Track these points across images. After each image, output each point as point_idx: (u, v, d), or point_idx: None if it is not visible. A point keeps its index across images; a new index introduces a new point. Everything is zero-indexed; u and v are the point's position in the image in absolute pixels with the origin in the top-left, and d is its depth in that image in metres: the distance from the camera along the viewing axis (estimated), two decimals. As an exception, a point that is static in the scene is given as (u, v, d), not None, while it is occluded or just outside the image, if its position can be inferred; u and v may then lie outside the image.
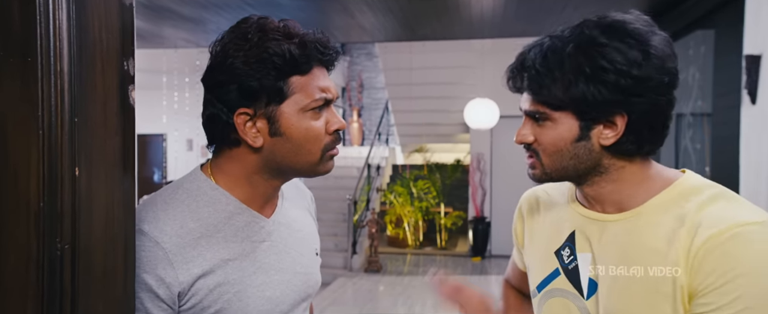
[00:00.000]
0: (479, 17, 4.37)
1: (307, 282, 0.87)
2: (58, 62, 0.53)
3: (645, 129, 0.73)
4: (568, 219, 0.83)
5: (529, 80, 0.74)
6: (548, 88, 0.72)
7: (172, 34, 5.05)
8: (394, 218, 7.77)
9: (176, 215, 0.75)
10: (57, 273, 0.53)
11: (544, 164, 0.77)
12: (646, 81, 0.70)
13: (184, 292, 0.73)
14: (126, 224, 0.62)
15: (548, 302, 0.83)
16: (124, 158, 0.61)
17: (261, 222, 0.82)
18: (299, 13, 4.33)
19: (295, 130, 0.76)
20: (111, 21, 0.59)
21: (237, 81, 0.74)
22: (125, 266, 0.62)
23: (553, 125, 0.75)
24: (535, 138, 0.76)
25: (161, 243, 0.72)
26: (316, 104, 0.76)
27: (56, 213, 0.52)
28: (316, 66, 0.77)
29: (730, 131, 2.94)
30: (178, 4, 4.02)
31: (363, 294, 5.35)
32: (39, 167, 0.52)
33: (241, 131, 0.75)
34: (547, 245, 0.85)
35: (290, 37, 0.75)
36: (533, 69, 0.73)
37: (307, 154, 0.78)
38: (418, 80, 8.26)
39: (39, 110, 0.52)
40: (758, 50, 2.62)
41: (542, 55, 0.73)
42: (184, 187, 0.80)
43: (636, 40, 0.70)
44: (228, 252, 0.77)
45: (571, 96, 0.71)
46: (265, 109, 0.75)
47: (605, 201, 0.79)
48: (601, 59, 0.69)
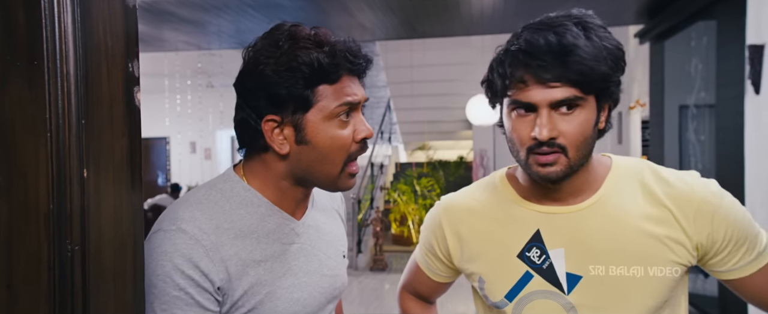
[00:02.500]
0: (479, 14, 4.36)
1: (334, 284, 0.88)
2: (64, 65, 0.53)
3: (610, 114, 0.81)
4: (525, 220, 0.82)
5: (577, 64, 0.72)
6: (593, 69, 0.73)
7: (172, 37, 5.06)
8: (399, 217, 7.78)
9: (212, 216, 0.76)
10: (68, 275, 0.53)
11: (571, 158, 0.75)
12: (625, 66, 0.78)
13: (222, 289, 0.74)
14: (135, 225, 0.62)
15: (527, 307, 0.82)
16: (131, 160, 0.62)
17: (291, 224, 0.83)
18: (300, 13, 4.33)
19: (321, 138, 0.76)
20: (115, 23, 0.59)
21: (265, 88, 0.74)
22: (135, 266, 0.62)
23: (581, 111, 0.75)
24: (560, 132, 0.75)
25: (201, 241, 0.73)
26: (341, 109, 0.76)
27: (65, 215, 0.53)
28: (345, 74, 0.77)
29: (734, 121, 2.92)
30: (178, 6, 4.03)
31: (369, 292, 5.36)
32: (48, 169, 0.52)
33: (268, 137, 0.76)
34: (504, 250, 0.83)
35: (320, 45, 0.75)
36: (577, 54, 0.72)
37: (330, 164, 0.77)
38: (419, 77, 8.26)
39: (46, 112, 0.52)
40: (761, 40, 2.61)
41: (583, 39, 0.73)
42: (218, 187, 0.81)
43: (608, 32, 0.78)
44: (260, 254, 0.78)
45: (608, 77, 0.75)
46: (292, 117, 0.75)
47: (572, 192, 0.81)
48: (609, 44, 0.75)
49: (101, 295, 0.57)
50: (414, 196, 7.72)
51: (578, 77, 0.72)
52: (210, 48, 5.64)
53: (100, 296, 0.57)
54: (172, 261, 0.71)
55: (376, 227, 6.32)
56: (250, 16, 4.21)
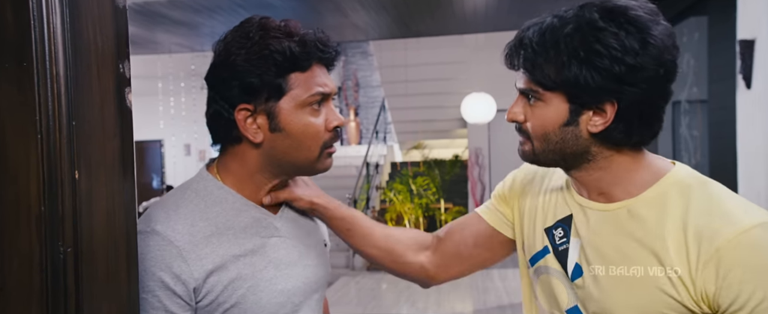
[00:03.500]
0: (472, 12, 4.37)
1: (318, 273, 0.89)
2: (54, 66, 0.53)
3: (635, 119, 0.71)
4: (565, 202, 0.83)
5: (524, 58, 0.73)
6: (542, 67, 0.71)
7: (165, 39, 5.05)
8: (395, 216, 7.78)
9: (187, 215, 0.77)
10: (60, 277, 0.53)
11: (534, 146, 0.77)
12: (641, 71, 0.68)
13: (199, 288, 0.75)
14: (127, 226, 0.62)
15: (541, 278, 0.84)
16: (124, 161, 0.61)
17: (269, 218, 0.84)
18: (292, 14, 4.33)
19: (294, 125, 0.77)
20: (105, 24, 0.59)
21: (238, 78, 0.76)
22: (128, 268, 0.62)
23: (544, 106, 0.74)
24: (526, 118, 0.76)
25: (174, 241, 0.74)
26: (313, 99, 0.78)
27: (57, 217, 0.52)
28: (315, 63, 0.79)
29: (727, 116, 2.95)
30: (170, 8, 4.02)
31: (366, 292, 5.36)
32: (38, 171, 0.52)
33: (241, 126, 0.77)
34: (538, 221, 0.85)
35: (291, 35, 0.77)
36: (530, 47, 0.72)
37: (306, 150, 0.79)
38: (414, 76, 8.27)
39: (36, 114, 0.52)
40: (751, 35, 2.63)
41: (540, 33, 0.72)
42: (192, 188, 0.82)
43: (636, 28, 0.69)
44: (238, 249, 0.79)
45: (564, 78, 0.70)
46: (266, 105, 0.77)
47: (592, 188, 0.78)
48: (596, 43, 0.68)
49: (95, 297, 0.57)
50: (410, 195, 7.73)
51: (529, 72, 0.73)
52: (203, 50, 5.63)
53: (93, 298, 0.56)
54: (142, 263, 0.72)
55: (372, 227, 6.32)
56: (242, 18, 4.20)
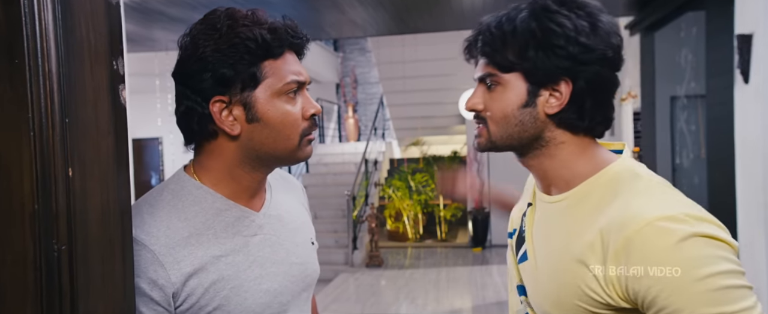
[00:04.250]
0: (470, 8, 4.36)
1: (305, 272, 0.87)
2: (46, 63, 0.52)
3: (588, 101, 0.75)
4: (530, 193, 0.90)
5: (483, 43, 0.78)
6: (500, 50, 0.76)
7: (162, 37, 5.03)
8: (394, 212, 7.79)
9: (162, 217, 0.75)
10: (55, 275, 0.52)
11: (491, 132, 0.79)
12: (592, 51, 0.73)
13: (178, 292, 0.73)
14: (123, 223, 0.61)
15: (508, 253, 0.94)
16: (118, 158, 0.61)
17: (251, 216, 0.81)
18: (290, 11, 4.31)
19: (271, 114, 0.76)
20: (98, 21, 0.59)
21: (210, 69, 0.73)
22: (124, 265, 0.62)
23: (503, 90, 0.77)
24: (485, 106, 0.79)
25: (149, 246, 0.72)
26: (288, 87, 0.77)
27: (51, 214, 0.52)
28: (287, 51, 0.78)
29: (725, 111, 2.94)
30: (167, 5, 4.00)
31: (365, 289, 5.37)
32: (32, 168, 0.51)
33: (217, 119, 0.75)
34: (519, 207, 0.95)
35: (260, 23, 0.75)
36: (488, 32, 0.77)
37: (285, 139, 0.77)
38: (412, 73, 8.26)
39: (29, 111, 0.51)
40: (749, 29, 2.63)
41: (497, 20, 0.77)
42: (169, 188, 0.79)
43: (585, 12, 0.75)
44: (219, 249, 0.77)
45: (522, 57, 0.74)
46: (241, 95, 0.74)
47: (543, 180, 0.82)
48: (551, 23, 0.73)
49: (90, 296, 0.56)
50: (408, 192, 7.73)
51: (490, 57, 0.77)
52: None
53: (88, 296, 0.56)
54: None
55: (371, 224, 6.33)
56: (240, 14, 4.18)
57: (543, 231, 0.82)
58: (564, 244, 0.75)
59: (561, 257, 0.75)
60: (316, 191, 7.54)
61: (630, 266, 0.65)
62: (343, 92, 10.77)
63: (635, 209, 0.67)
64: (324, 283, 5.49)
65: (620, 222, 0.67)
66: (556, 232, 0.78)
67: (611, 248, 0.67)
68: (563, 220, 0.77)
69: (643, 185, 0.72)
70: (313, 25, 4.90)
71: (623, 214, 0.68)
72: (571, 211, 0.76)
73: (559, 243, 0.76)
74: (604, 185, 0.75)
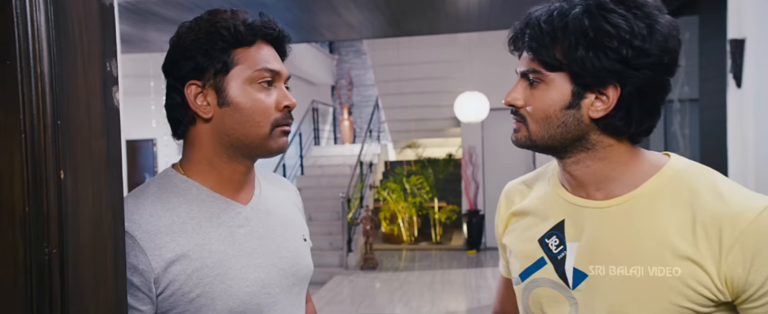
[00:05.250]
0: (465, 11, 4.37)
1: (296, 265, 0.87)
2: (38, 65, 0.52)
3: (636, 107, 0.71)
4: (555, 207, 0.81)
5: (530, 37, 0.73)
6: (548, 47, 0.71)
7: (157, 38, 5.01)
8: (389, 215, 7.78)
9: (146, 206, 0.77)
10: (46, 278, 0.52)
11: (531, 131, 0.75)
12: (646, 55, 0.69)
13: (159, 278, 0.74)
14: (115, 226, 0.61)
15: (535, 291, 0.81)
16: (111, 160, 0.60)
17: (237, 208, 0.83)
18: (286, 13, 4.30)
19: (242, 100, 0.79)
20: (91, 22, 0.58)
21: (187, 56, 0.79)
22: (115, 269, 0.61)
23: (546, 89, 0.73)
24: (525, 102, 0.75)
25: (131, 232, 0.74)
26: (260, 75, 0.80)
27: (42, 217, 0.52)
28: (261, 41, 0.82)
29: (717, 115, 2.97)
30: (162, 7, 3.99)
31: (360, 291, 5.36)
32: (23, 171, 0.51)
33: (191, 103, 0.79)
34: (530, 232, 0.83)
35: (237, 18, 0.80)
36: (537, 27, 0.72)
37: (255, 126, 0.79)
38: (407, 75, 8.27)
39: (20, 113, 0.51)
40: (742, 34, 2.65)
41: (548, 14, 0.72)
42: (155, 182, 0.82)
43: (643, 13, 0.70)
44: (203, 237, 0.78)
45: (570, 57, 0.70)
46: (214, 80, 0.79)
47: (590, 183, 0.76)
48: (605, 23, 0.69)
49: (81, 299, 0.56)
50: (403, 194, 7.73)
51: (536, 53, 0.73)
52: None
53: (79, 300, 0.56)
54: None
55: (366, 226, 6.32)
56: (235, 16, 4.17)
57: (604, 239, 0.74)
58: (654, 244, 0.70)
59: (655, 257, 0.70)
60: (311, 194, 7.52)
61: (749, 257, 0.66)
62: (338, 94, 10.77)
63: (737, 202, 0.68)
64: (318, 285, 5.47)
65: (730, 215, 0.67)
66: (633, 234, 0.72)
67: (725, 242, 0.67)
68: (638, 220, 0.72)
69: (720, 178, 0.73)
70: (309, 27, 4.90)
71: (727, 208, 0.68)
72: (645, 210, 0.72)
73: (644, 244, 0.71)
74: (673, 181, 0.73)
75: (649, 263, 0.71)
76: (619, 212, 0.74)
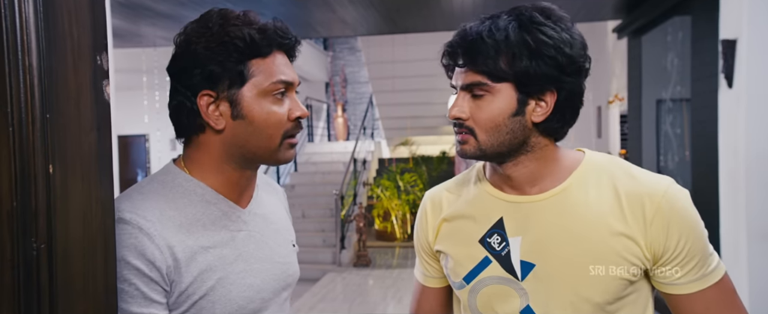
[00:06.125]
0: (460, 8, 4.37)
1: (287, 271, 0.88)
2: (27, 57, 0.51)
3: (568, 109, 0.80)
4: (490, 207, 0.85)
5: (474, 51, 0.77)
6: (494, 59, 0.76)
7: (150, 33, 4.97)
8: (382, 212, 7.79)
9: (155, 205, 0.76)
10: (33, 274, 0.51)
11: (480, 141, 0.80)
12: (575, 62, 0.77)
13: (170, 276, 0.74)
14: (105, 222, 0.60)
15: (483, 291, 0.84)
16: (101, 155, 0.60)
17: (237, 212, 0.83)
18: (280, 8, 4.28)
19: (256, 113, 0.77)
20: (81, 14, 0.58)
21: (199, 65, 0.76)
22: (105, 264, 0.60)
23: (492, 99, 0.78)
24: (470, 115, 0.79)
25: (145, 229, 0.73)
26: (275, 88, 0.78)
27: (30, 212, 0.51)
28: (276, 51, 0.80)
29: (709, 115, 2.99)
30: (156, 1, 3.95)
31: (353, 288, 5.36)
32: (10, 165, 0.50)
33: (204, 113, 0.77)
34: (468, 234, 0.86)
35: (250, 23, 0.77)
36: (480, 41, 0.77)
37: (267, 138, 0.79)
38: (402, 73, 8.27)
39: (8, 106, 0.50)
40: (734, 35, 2.67)
41: (487, 29, 0.77)
42: (159, 179, 0.81)
43: (564, 25, 0.78)
44: (207, 240, 0.78)
45: (515, 68, 0.76)
46: (228, 92, 0.77)
47: (527, 181, 0.83)
48: (542, 35, 0.75)
49: (70, 295, 0.55)
50: (397, 191, 7.73)
51: (481, 66, 0.77)
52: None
53: (68, 296, 0.55)
54: (117, 253, 0.70)
55: (359, 223, 6.32)
56: (229, 11, 4.14)
57: (548, 228, 0.81)
58: (591, 226, 0.79)
59: (594, 238, 0.78)
60: (304, 190, 7.51)
61: (666, 226, 0.77)
62: (332, 91, 10.74)
63: (647, 181, 0.80)
64: (311, 282, 5.47)
65: (646, 192, 0.78)
66: (571, 220, 0.80)
67: (648, 215, 0.78)
68: (573, 207, 0.80)
69: (628, 164, 0.84)
70: (303, 24, 4.87)
71: (642, 187, 0.79)
72: (578, 198, 0.81)
73: (582, 227, 0.79)
74: (594, 171, 0.83)
75: (590, 244, 0.79)
76: (555, 203, 0.82)
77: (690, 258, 0.78)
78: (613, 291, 0.78)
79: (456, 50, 0.79)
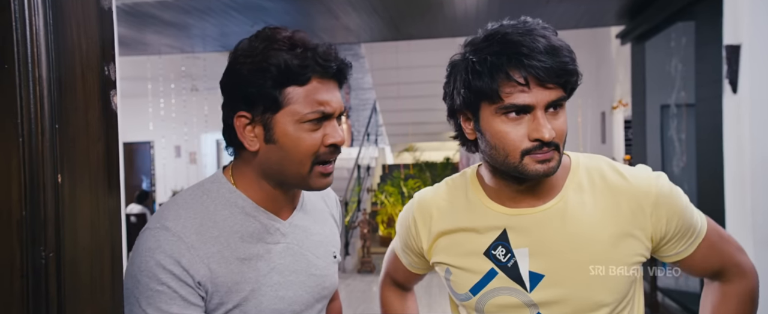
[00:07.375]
0: (463, 15, 4.39)
1: (322, 284, 0.89)
2: (37, 69, 0.52)
3: None
4: (491, 220, 0.85)
5: (566, 71, 0.75)
6: (574, 74, 0.78)
7: (155, 41, 5.01)
8: (386, 218, 7.78)
9: (196, 215, 0.79)
10: (42, 282, 0.52)
11: (561, 155, 0.80)
12: None
13: (204, 285, 0.76)
14: (112, 230, 0.61)
15: (490, 302, 0.85)
16: (108, 164, 0.61)
17: (277, 224, 0.84)
18: (284, 16, 4.31)
19: (288, 140, 0.77)
20: (89, 26, 0.58)
21: (239, 86, 0.78)
22: (113, 273, 0.61)
23: (563, 113, 0.79)
24: (554, 131, 0.77)
25: (184, 238, 0.75)
26: (312, 117, 0.77)
27: (39, 221, 0.52)
28: (315, 77, 0.77)
29: (713, 120, 2.98)
30: (161, 9, 3.99)
31: (356, 295, 5.35)
32: (20, 175, 0.51)
33: (239, 133, 0.79)
34: (471, 247, 0.86)
35: (293, 47, 0.76)
36: (570, 60, 0.76)
37: (297, 164, 0.78)
38: (405, 79, 8.28)
39: (18, 117, 0.51)
40: (737, 40, 2.67)
41: (559, 43, 0.77)
42: (205, 188, 0.83)
43: None
44: (244, 252, 0.79)
45: (577, 76, 0.79)
46: (262, 116, 0.77)
47: (540, 192, 0.83)
48: (567, 44, 0.78)
49: (78, 303, 0.56)
50: (401, 197, 7.73)
51: (566, 78, 0.76)
52: (194, 51, 5.59)
53: (76, 304, 0.55)
54: (154, 257, 0.73)
55: (363, 229, 6.31)
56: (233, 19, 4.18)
57: (554, 236, 0.82)
58: (594, 230, 0.81)
59: (599, 241, 0.80)
60: (308, 197, 7.49)
61: (665, 214, 0.82)
62: (336, 98, 10.76)
63: (636, 177, 0.84)
64: (315, 289, 5.46)
65: (640, 189, 0.82)
66: (575, 227, 0.81)
67: (647, 209, 0.81)
68: (574, 214, 0.82)
69: (611, 161, 0.88)
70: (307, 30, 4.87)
71: (632, 185, 0.83)
72: (576, 204, 0.83)
73: (586, 232, 0.81)
74: (585, 174, 0.85)
75: (595, 247, 0.80)
76: (557, 212, 0.83)
77: (685, 231, 0.85)
78: (622, 290, 0.81)
79: (545, 63, 0.73)
